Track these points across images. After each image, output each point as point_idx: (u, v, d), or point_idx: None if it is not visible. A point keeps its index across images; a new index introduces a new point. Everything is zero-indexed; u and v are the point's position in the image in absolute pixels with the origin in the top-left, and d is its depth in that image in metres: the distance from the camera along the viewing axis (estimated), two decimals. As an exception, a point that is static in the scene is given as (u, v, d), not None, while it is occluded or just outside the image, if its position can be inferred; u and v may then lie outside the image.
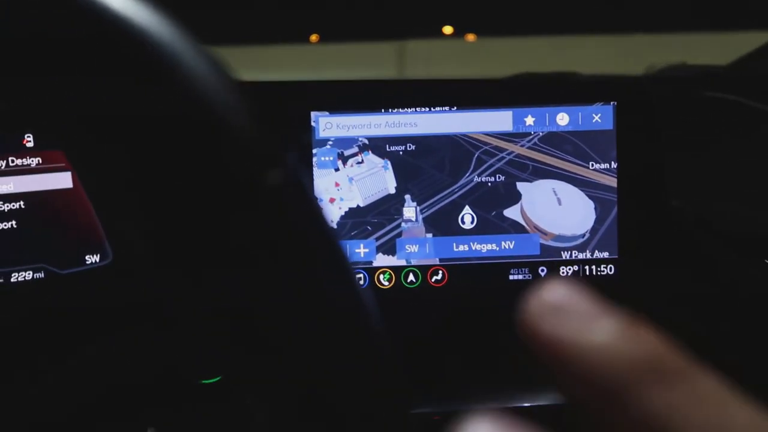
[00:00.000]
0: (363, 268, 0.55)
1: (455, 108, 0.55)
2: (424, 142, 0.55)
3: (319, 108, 0.54)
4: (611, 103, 0.55)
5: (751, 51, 1.18)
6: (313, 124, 0.54)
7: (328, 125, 0.54)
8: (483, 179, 0.55)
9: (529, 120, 0.55)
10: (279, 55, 1.72)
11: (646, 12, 1.43)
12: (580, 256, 0.56)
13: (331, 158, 0.54)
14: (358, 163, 0.54)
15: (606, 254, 0.56)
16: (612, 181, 0.55)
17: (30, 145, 0.47)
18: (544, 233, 0.55)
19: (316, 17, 1.65)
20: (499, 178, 0.55)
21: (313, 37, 1.73)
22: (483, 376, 0.56)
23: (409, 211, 0.55)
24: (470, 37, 1.85)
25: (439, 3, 1.64)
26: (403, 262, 0.55)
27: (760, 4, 1.22)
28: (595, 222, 0.56)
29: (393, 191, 0.55)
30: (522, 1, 1.55)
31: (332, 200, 0.54)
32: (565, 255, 0.56)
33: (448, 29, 1.79)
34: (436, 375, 0.55)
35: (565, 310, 0.15)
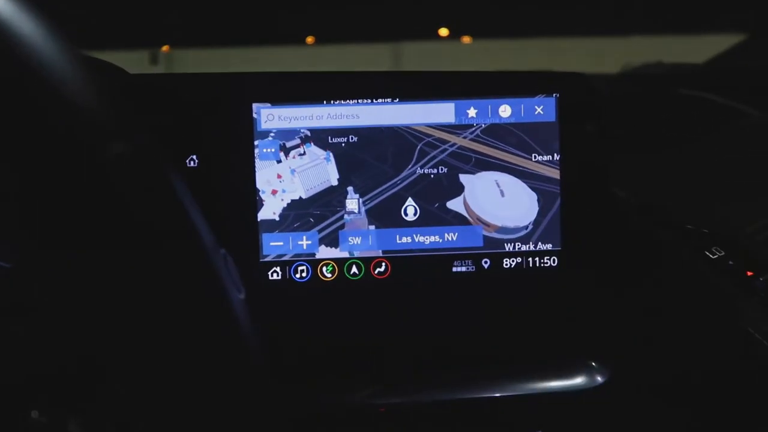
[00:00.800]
0: (306, 261, 0.55)
1: (397, 100, 0.55)
2: (367, 134, 0.55)
3: (261, 99, 0.54)
4: (554, 95, 0.55)
5: (725, 50, 1.17)
6: (254, 115, 0.54)
7: (270, 117, 0.54)
8: (426, 171, 0.55)
9: (472, 112, 0.55)
10: (275, 56, 1.72)
11: (641, 15, 1.43)
12: (524, 248, 0.56)
13: (273, 150, 0.55)
14: (300, 155, 0.55)
15: (549, 246, 0.56)
16: (555, 173, 0.55)
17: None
18: (488, 225, 0.55)
19: (312, 19, 1.65)
20: (441, 170, 0.55)
21: (309, 39, 1.74)
22: (427, 368, 0.56)
23: (352, 203, 0.55)
24: (466, 39, 1.85)
25: (435, 5, 1.64)
26: (346, 254, 0.55)
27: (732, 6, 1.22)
28: (538, 214, 0.56)
29: (335, 183, 0.55)
30: (518, 4, 1.55)
31: (274, 192, 0.55)
32: (509, 247, 0.56)
33: (444, 31, 1.79)
34: (380, 367, 0.55)
35: None
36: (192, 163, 0.54)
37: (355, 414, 0.55)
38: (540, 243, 0.56)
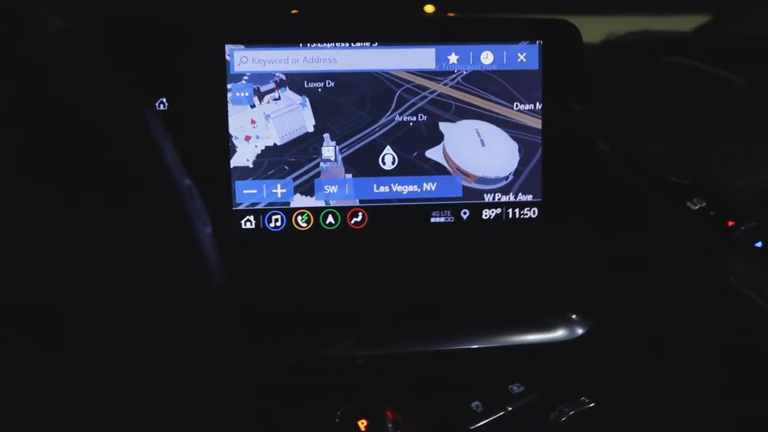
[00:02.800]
0: (280, 209, 0.53)
1: (376, 44, 0.53)
2: (344, 78, 0.53)
3: (234, 41, 0.52)
4: (537, 42, 0.54)
5: (712, 17, 1.17)
6: (227, 57, 0.52)
7: (243, 59, 0.52)
8: (405, 118, 0.53)
9: (453, 58, 0.54)
10: None
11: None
12: (504, 198, 0.54)
13: (247, 94, 0.53)
14: (275, 99, 0.53)
15: (530, 197, 0.54)
16: (537, 123, 0.54)
17: None
18: (467, 175, 0.54)
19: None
20: (421, 117, 0.54)
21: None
22: (404, 320, 0.55)
23: (328, 150, 0.53)
24: (451, 15, 1.83)
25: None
26: (321, 203, 0.53)
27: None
28: (519, 164, 0.54)
29: (311, 129, 0.53)
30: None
31: (248, 138, 0.53)
32: (488, 197, 0.54)
33: (429, 8, 1.77)
34: (356, 319, 0.54)
35: None
36: (162, 106, 0.52)
37: (330, 366, 0.54)
38: (520, 194, 0.55)
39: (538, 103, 0.54)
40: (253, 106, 0.52)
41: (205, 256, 0.26)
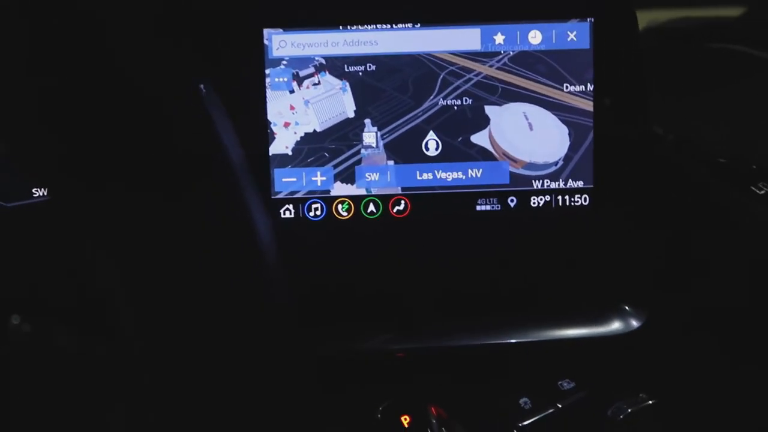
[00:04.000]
0: (320, 198, 0.51)
1: (419, 25, 0.51)
2: (386, 61, 0.51)
3: (273, 25, 0.51)
4: (588, 19, 0.51)
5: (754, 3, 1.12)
6: (265, 42, 0.51)
7: (282, 43, 0.51)
8: (448, 102, 0.51)
9: (499, 38, 0.51)
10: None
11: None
12: (553, 185, 0.52)
13: (286, 79, 0.51)
14: (315, 84, 0.51)
15: (580, 183, 0.52)
16: (588, 105, 0.52)
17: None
18: (514, 161, 0.52)
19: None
20: (465, 101, 0.51)
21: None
22: (448, 312, 0.53)
23: (369, 136, 0.51)
24: None
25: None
26: (362, 191, 0.52)
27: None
28: (569, 149, 0.52)
29: (352, 115, 0.51)
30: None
31: (287, 124, 0.51)
32: (537, 184, 0.52)
33: None
34: (398, 311, 0.52)
35: None
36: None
37: (372, 360, 0.52)
38: (571, 180, 0.52)
39: (589, 85, 0.51)
40: (292, 92, 0.51)
41: (262, 238, 0.24)
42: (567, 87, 0.51)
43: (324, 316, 0.52)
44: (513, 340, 0.51)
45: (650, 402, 0.43)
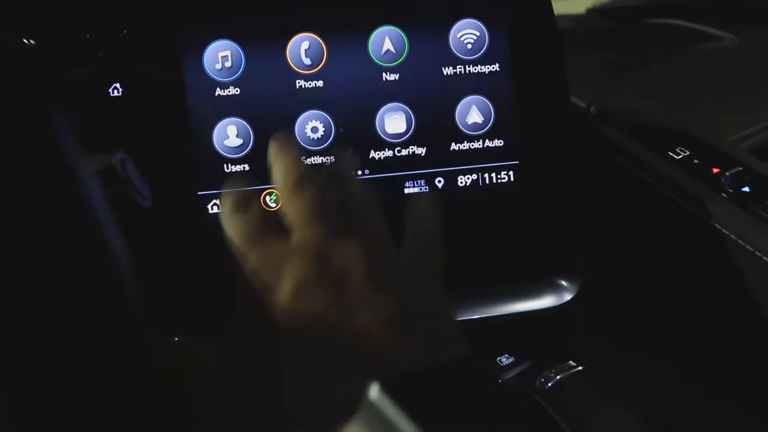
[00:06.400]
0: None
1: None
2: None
3: (192, 15, 0.50)
4: (502, -3, 0.51)
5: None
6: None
7: (197, 38, 0.50)
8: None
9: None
10: None
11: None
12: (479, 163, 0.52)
13: (204, 73, 0.51)
14: (234, 77, 0.51)
15: (506, 162, 0.52)
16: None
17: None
18: (439, 142, 0.52)
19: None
20: (386, 85, 0.51)
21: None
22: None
23: (293, 126, 0.51)
24: None
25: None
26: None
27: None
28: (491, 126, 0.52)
29: (273, 106, 0.51)
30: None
31: (208, 119, 0.51)
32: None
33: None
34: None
35: None
36: (115, 92, 0.50)
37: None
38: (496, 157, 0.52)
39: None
40: (211, 85, 0.50)
41: (108, 243, 0.23)
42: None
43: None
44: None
45: (579, 368, 0.43)
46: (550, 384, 0.42)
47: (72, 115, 0.49)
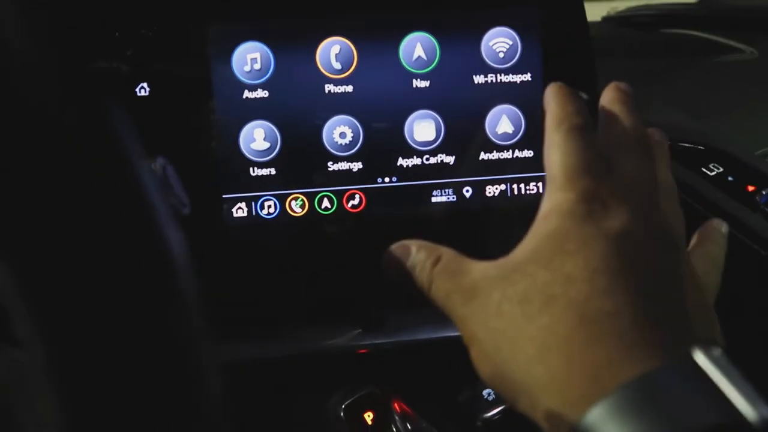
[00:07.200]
0: (273, 195, 0.50)
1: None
2: (334, 54, 0.50)
3: (221, 16, 0.50)
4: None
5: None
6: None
7: (227, 39, 0.50)
8: (399, 94, 0.51)
9: (448, 28, 0.51)
10: None
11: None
12: (509, 174, 0.51)
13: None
14: (263, 79, 0.50)
15: (536, 172, 0.52)
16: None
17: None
18: (468, 151, 0.51)
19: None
20: (416, 92, 0.51)
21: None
22: (406, 307, 0.52)
23: (321, 130, 0.51)
24: None
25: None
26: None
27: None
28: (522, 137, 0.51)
29: (302, 110, 0.50)
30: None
31: (236, 121, 0.50)
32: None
33: None
34: (357, 308, 0.52)
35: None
36: (142, 91, 0.49)
37: (333, 357, 0.51)
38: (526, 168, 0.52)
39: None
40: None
41: (169, 252, 0.22)
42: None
43: (282, 317, 0.51)
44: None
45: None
46: None
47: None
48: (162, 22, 0.49)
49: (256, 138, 0.50)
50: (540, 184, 0.52)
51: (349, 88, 0.50)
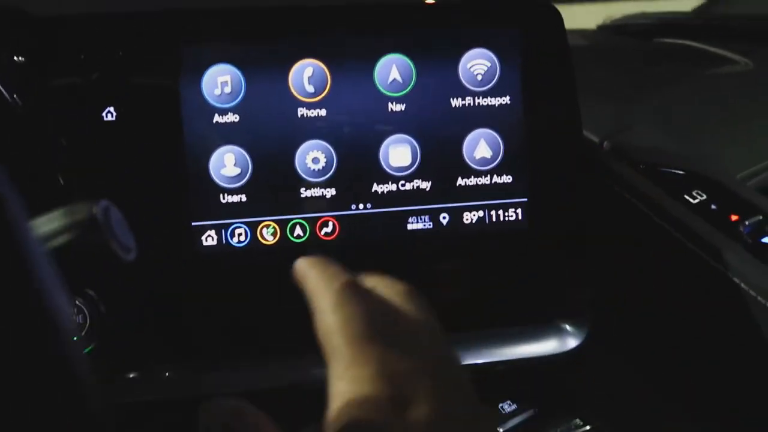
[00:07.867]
0: (244, 222, 0.49)
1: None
2: (306, 78, 0.49)
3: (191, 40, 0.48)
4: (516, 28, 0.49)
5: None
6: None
7: (196, 62, 0.48)
8: (374, 118, 0.49)
9: (423, 50, 0.49)
10: None
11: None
12: (486, 200, 0.50)
13: (202, 99, 0.48)
14: (233, 103, 0.49)
15: (514, 199, 0.50)
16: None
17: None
18: (445, 176, 0.50)
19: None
20: (391, 116, 0.49)
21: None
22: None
23: (293, 156, 0.49)
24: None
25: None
26: (288, 214, 0.49)
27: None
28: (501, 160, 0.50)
29: (273, 134, 0.49)
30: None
31: (205, 146, 0.49)
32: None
33: None
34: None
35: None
36: (109, 116, 0.48)
37: (305, 391, 0.50)
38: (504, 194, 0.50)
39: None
40: (208, 112, 0.48)
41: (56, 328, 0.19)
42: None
43: (252, 348, 0.49)
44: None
45: (587, 428, 0.41)
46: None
47: (62, 138, 0.47)
48: (129, 44, 0.47)
49: (227, 164, 0.48)
50: (519, 211, 0.50)
51: (323, 112, 0.49)
